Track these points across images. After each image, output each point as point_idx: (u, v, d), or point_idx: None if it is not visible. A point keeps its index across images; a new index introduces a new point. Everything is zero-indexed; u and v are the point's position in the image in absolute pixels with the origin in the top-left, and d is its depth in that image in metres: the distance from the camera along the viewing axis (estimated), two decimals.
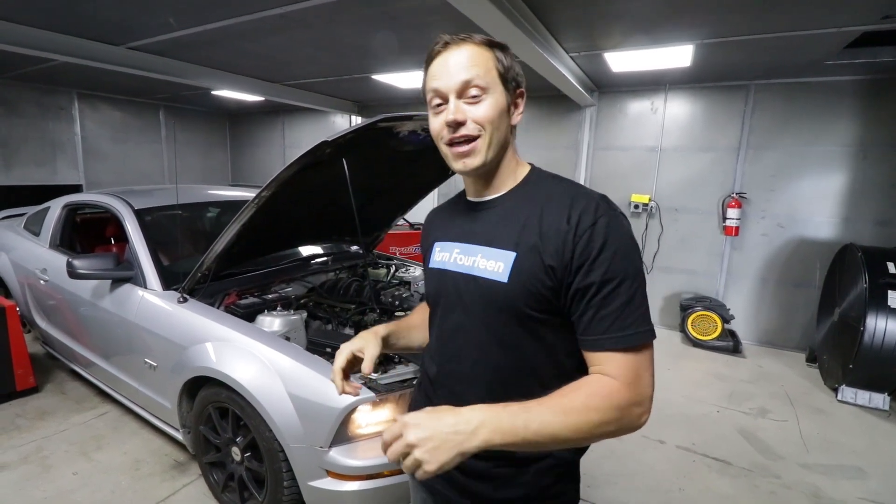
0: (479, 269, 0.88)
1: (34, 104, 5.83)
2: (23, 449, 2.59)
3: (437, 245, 1.02)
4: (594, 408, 0.74)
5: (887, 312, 3.21)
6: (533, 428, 0.71)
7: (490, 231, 0.90)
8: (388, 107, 6.67)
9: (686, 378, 3.79)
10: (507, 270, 0.84)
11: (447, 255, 0.97)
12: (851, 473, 2.65)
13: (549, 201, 0.86)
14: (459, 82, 0.83)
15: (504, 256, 0.86)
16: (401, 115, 1.76)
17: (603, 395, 0.76)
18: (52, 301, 3.07)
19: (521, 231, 0.85)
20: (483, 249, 0.89)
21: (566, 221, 0.81)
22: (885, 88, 3.92)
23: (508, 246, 0.86)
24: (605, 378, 0.78)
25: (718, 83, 4.52)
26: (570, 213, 0.82)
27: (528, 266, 0.83)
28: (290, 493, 1.85)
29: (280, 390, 1.78)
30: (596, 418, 0.74)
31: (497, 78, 0.85)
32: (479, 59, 0.84)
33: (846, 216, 4.20)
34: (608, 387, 0.77)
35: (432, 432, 0.69)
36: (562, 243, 0.80)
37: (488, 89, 0.84)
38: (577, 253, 0.79)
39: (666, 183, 4.90)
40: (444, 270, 0.96)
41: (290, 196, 2.05)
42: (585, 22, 2.99)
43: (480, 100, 0.84)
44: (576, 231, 0.80)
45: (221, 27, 3.20)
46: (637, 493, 2.41)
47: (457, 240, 0.96)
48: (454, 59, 0.84)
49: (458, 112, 0.84)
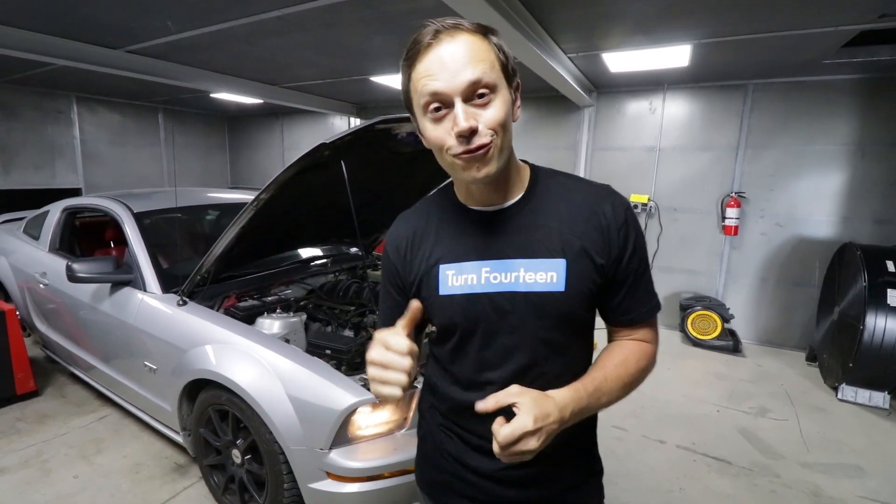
0: (526, 284, 0.82)
1: (33, 108, 5.83)
2: (23, 453, 2.59)
3: (444, 268, 0.87)
4: (644, 369, 0.89)
5: (887, 311, 3.21)
6: (604, 401, 0.83)
7: (524, 241, 0.84)
8: (386, 108, 6.68)
9: (686, 378, 3.79)
10: (561, 279, 0.82)
11: (472, 277, 0.85)
12: (851, 472, 2.65)
13: (572, 198, 0.86)
14: (466, 83, 0.72)
15: (554, 265, 0.82)
16: (399, 117, 1.76)
17: (647, 356, 0.90)
18: (51, 305, 3.07)
19: (561, 235, 0.83)
20: (525, 262, 0.83)
21: (602, 217, 0.84)
22: (883, 87, 3.92)
23: (554, 254, 0.82)
24: (643, 343, 0.91)
25: (717, 83, 4.53)
26: (603, 209, 0.84)
27: (580, 269, 0.83)
28: (290, 495, 1.85)
29: (280, 392, 1.78)
30: (642, 377, 0.90)
31: (502, 73, 0.76)
32: (481, 53, 0.73)
33: (845, 215, 4.20)
34: (648, 350, 0.91)
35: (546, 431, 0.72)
36: (606, 240, 0.83)
37: (497, 87, 0.74)
38: (619, 245, 0.84)
39: (665, 183, 4.91)
40: (472, 295, 0.85)
41: (289, 198, 2.05)
42: (583, 22, 3.00)
43: (490, 101, 0.74)
44: (614, 226, 0.84)
45: (219, 30, 3.20)
46: (637, 493, 2.41)
47: (480, 258, 0.85)
48: (451, 53, 0.72)
49: (470, 118, 0.73)
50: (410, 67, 0.77)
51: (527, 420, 0.70)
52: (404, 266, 0.93)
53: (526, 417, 0.70)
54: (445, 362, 0.94)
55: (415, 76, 0.76)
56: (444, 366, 0.95)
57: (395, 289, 0.97)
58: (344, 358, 2.02)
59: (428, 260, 0.89)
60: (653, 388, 3.52)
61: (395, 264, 0.95)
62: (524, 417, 0.70)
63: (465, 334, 0.88)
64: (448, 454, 0.97)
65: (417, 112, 0.80)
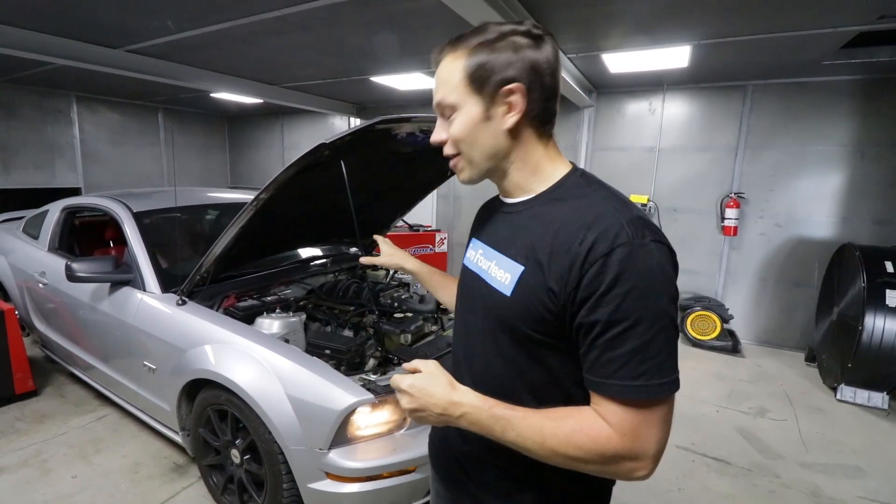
0: (490, 276, 0.86)
1: (33, 108, 5.83)
2: (22, 452, 2.59)
3: (472, 242, 1.00)
4: (576, 445, 0.69)
5: (885, 311, 3.22)
6: (509, 437, 0.74)
7: (509, 238, 0.85)
8: (386, 108, 6.68)
9: (685, 378, 3.75)
10: (511, 284, 0.79)
11: (474, 253, 0.96)
12: (850, 472, 2.65)
13: (571, 214, 0.75)
14: (435, 105, 0.85)
15: (513, 268, 0.80)
16: (399, 117, 1.76)
17: (591, 436, 0.69)
18: (50, 304, 3.07)
19: (534, 244, 0.77)
20: (498, 256, 0.85)
21: (579, 243, 0.70)
22: (883, 88, 3.93)
23: (518, 259, 0.80)
24: (600, 421, 0.69)
25: (716, 84, 4.53)
26: (587, 234, 0.70)
27: (531, 283, 0.76)
28: (289, 496, 1.85)
29: (279, 392, 1.78)
30: (574, 454, 0.69)
31: (466, 88, 0.78)
32: (447, 76, 0.80)
33: (844, 215, 4.21)
34: (599, 431, 0.69)
35: (422, 405, 0.79)
36: (568, 268, 0.70)
37: (457, 106, 0.80)
38: (583, 283, 0.68)
39: (664, 183, 4.91)
40: (467, 269, 0.97)
41: (289, 198, 2.05)
42: (583, 23, 3.00)
43: (453, 119, 0.82)
44: (586, 257, 0.69)
45: (220, 30, 3.20)
46: (636, 493, 2.41)
47: (484, 240, 0.94)
48: (436, 76, 0.84)
49: (437, 134, 0.85)
50: None
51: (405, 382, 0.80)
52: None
53: (409, 380, 0.80)
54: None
55: None
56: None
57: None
58: (343, 358, 2.01)
59: (472, 232, 1.03)
60: None
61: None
62: (407, 379, 0.80)
63: (458, 303, 1.01)
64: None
65: None
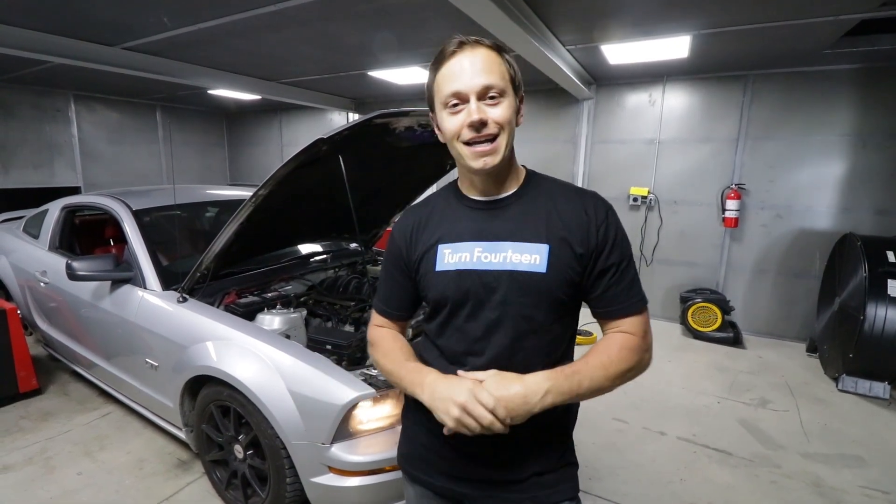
0: (512, 264, 0.94)
1: (30, 107, 5.82)
2: (27, 450, 2.61)
3: (443, 248, 1.00)
4: (625, 358, 0.93)
5: (887, 301, 3.21)
6: (585, 385, 0.89)
7: (514, 227, 0.96)
8: (384, 103, 6.65)
9: (687, 370, 3.80)
10: (543, 261, 0.92)
11: (465, 255, 0.97)
12: (852, 462, 2.66)
13: (559, 198, 0.98)
14: (481, 86, 0.88)
15: (538, 249, 0.93)
16: (397, 112, 1.76)
17: (630, 347, 0.94)
18: (52, 303, 3.08)
19: (547, 225, 0.95)
20: (513, 245, 0.95)
21: (584, 214, 0.95)
22: (884, 77, 3.90)
23: (539, 239, 0.94)
24: (627, 334, 0.96)
25: (716, 74, 4.50)
26: (586, 208, 0.96)
27: (561, 255, 0.93)
28: (292, 490, 1.87)
29: (281, 388, 1.79)
30: (625, 366, 0.93)
31: (509, 82, 0.92)
32: (495, 66, 0.90)
33: (845, 206, 4.19)
34: (632, 340, 0.95)
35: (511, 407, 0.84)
36: (585, 233, 0.94)
37: (505, 93, 0.90)
38: (599, 240, 0.94)
39: (665, 175, 4.89)
40: (464, 271, 0.96)
41: (288, 194, 2.05)
42: (582, 14, 2.98)
43: (499, 102, 0.90)
44: (595, 220, 0.95)
45: (216, 26, 3.18)
46: (638, 485, 2.42)
47: (474, 239, 0.97)
48: (471, 62, 0.88)
49: (482, 112, 0.89)
50: (436, 70, 0.93)
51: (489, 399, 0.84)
52: (409, 248, 1.06)
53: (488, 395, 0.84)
54: (433, 336, 1.04)
55: (439, 77, 0.92)
56: (432, 339, 1.05)
57: (398, 270, 1.09)
58: (344, 353, 2.02)
59: (429, 241, 1.02)
60: (653, 380, 3.53)
61: (401, 247, 1.07)
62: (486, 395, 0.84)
63: (454, 308, 0.99)
64: (427, 428, 1.02)
65: (438, 107, 0.95)
